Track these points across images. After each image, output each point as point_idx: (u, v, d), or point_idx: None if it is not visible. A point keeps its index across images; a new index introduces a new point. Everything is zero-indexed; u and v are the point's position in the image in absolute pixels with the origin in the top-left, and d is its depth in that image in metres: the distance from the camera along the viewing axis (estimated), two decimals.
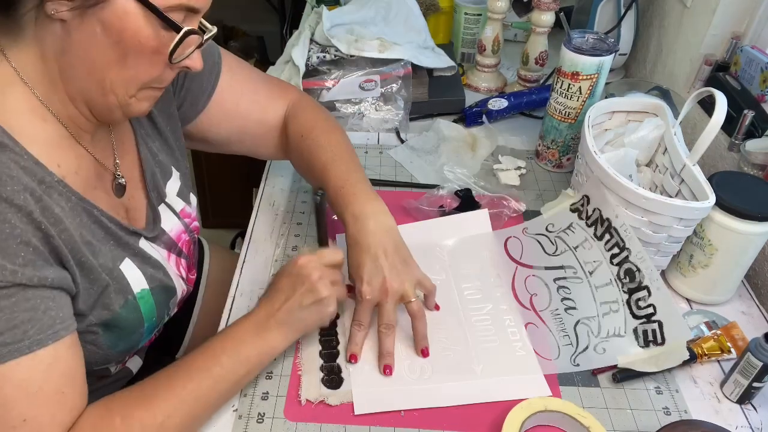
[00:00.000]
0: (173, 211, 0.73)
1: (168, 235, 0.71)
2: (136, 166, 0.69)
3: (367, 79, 1.04)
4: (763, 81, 0.89)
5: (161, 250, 0.69)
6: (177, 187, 0.74)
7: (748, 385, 0.65)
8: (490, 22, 1.15)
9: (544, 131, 0.99)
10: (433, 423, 0.64)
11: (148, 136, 0.70)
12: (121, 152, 0.67)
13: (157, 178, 0.70)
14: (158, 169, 0.71)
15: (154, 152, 0.71)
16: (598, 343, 0.70)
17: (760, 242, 0.72)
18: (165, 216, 0.71)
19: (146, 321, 0.65)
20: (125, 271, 0.62)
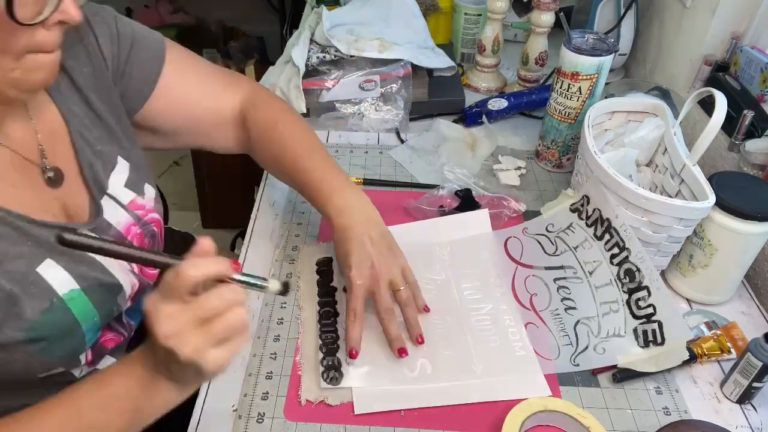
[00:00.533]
0: (119, 203, 0.68)
1: (115, 228, 0.66)
2: (73, 158, 0.65)
3: (367, 80, 1.04)
4: (763, 81, 0.89)
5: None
6: (124, 178, 0.69)
7: (748, 385, 0.65)
8: (490, 22, 1.16)
9: (544, 131, 0.99)
10: (433, 423, 0.64)
11: (84, 126, 0.66)
12: (51, 142, 0.62)
13: (96, 169, 0.66)
14: (98, 159, 0.66)
15: (91, 142, 0.66)
16: (598, 343, 0.70)
17: (759, 242, 0.72)
18: (109, 208, 0.66)
19: (83, 322, 0.60)
20: (44, 274, 0.57)
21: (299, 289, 0.78)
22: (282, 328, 0.74)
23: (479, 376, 0.68)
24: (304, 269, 0.81)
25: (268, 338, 0.72)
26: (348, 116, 1.07)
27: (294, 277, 0.80)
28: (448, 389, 0.67)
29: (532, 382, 0.68)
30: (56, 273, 0.58)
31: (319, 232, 0.87)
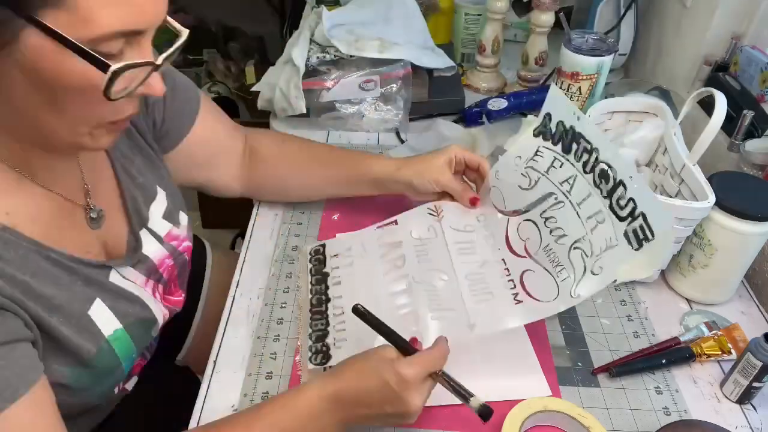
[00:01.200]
0: (156, 237, 0.69)
1: (151, 260, 0.68)
2: (115, 191, 0.66)
3: (366, 80, 1.04)
4: (763, 81, 0.89)
5: (140, 277, 0.66)
6: (163, 208, 0.71)
7: (747, 385, 0.65)
8: (490, 23, 1.16)
9: None
10: (433, 423, 0.64)
11: (126, 157, 0.67)
12: (94, 179, 0.63)
13: (138, 203, 0.67)
14: (139, 191, 0.68)
15: (133, 175, 0.67)
16: (594, 263, 0.67)
17: (759, 242, 0.72)
18: (147, 241, 0.68)
19: (124, 360, 0.62)
20: (95, 317, 0.58)
21: (299, 288, 0.78)
22: (282, 328, 0.74)
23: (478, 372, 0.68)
24: (304, 269, 0.81)
25: (268, 338, 0.72)
26: (348, 116, 1.07)
27: (294, 277, 0.80)
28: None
29: (531, 382, 0.68)
30: (103, 314, 0.59)
31: (319, 232, 0.87)
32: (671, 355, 0.70)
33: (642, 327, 0.75)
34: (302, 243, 0.85)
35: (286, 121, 1.09)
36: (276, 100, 1.05)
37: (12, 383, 0.47)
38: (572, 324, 0.75)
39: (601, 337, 0.74)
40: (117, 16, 0.45)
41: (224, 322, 0.74)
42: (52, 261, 0.55)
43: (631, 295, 0.79)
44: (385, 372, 0.56)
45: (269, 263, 0.82)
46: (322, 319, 0.72)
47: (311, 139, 0.90)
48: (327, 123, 1.07)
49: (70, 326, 0.55)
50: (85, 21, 0.43)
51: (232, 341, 0.72)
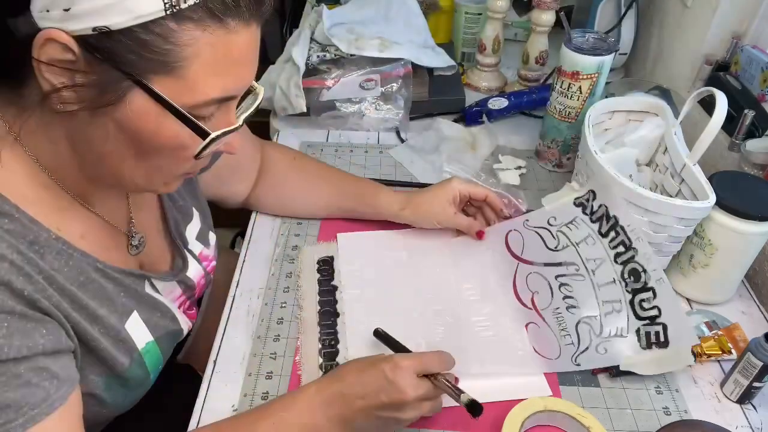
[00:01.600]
0: (194, 257, 0.71)
1: (192, 281, 0.70)
2: (158, 216, 0.67)
3: (367, 79, 1.04)
4: (764, 81, 0.89)
5: (175, 291, 0.68)
6: (197, 230, 0.73)
7: (748, 385, 0.65)
8: (490, 22, 1.15)
9: (544, 131, 0.99)
10: (433, 423, 0.64)
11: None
12: (137, 205, 0.65)
13: (179, 226, 0.69)
14: (180, 215, 0.70)
15: (175, 198, 0.69)
16: (599, 343, 0.70)
17: (760, 242, 0.72)
18: (191, 261, 0.70)
19: (152, 372, 0.63)
20: (130, 329, 0.59)
21: (299, 288, 0.78)
22: (282, 328, 0.74)
23: (478, 377, 0.68)
24: (304, 269, 0.81)
25: (268, 338, 0.72)
26: (348, 115, 1.07)
27: (294, 276, 0.80)
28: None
29: (531, 382, 0.68)
30: (138, 326, 0.60)
31: (319, 232, 0.87)
32: None
33: None
34: (302, 243, 0.85)
35: (286, 119, 1.09)
36: (276, 99, 1.05)
37: (51, 394, 0.48)
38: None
39: None
40: (221, 85, 0.47)
41: (224, 321, 0.74)
42: (100, 272, 0.56)
43: None
44: (381, 363, 0.58)
45: (269, 263, 0.82)
46: (332, 336, 0.72)
47: (322, 161, 0.92)
48: (327, 122, 1.07)
49: (108, 338, 0.56)
50: (191, 89, 0.46)
51: (232, 341, 0.72)
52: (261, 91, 0.55)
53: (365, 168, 0.99)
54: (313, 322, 0.74)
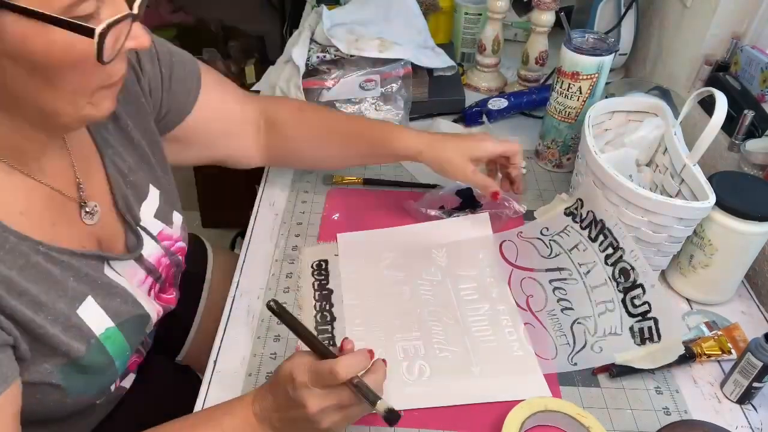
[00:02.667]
0: (150, 235, 0.68)
1: (148, 260, 0.67)
2: (107, 189, 0.64)
3: (367, 79, 1.04)
4: (763, 81, 0.89)
5: (138, 272, 0.66)
6: (155, 208, 0.69)
7: (748, 385, 0.65)
8: (490, 22, 1.15)
9: (544, 131, 0.99)
10: (433, 423, 0.64)
11: (118, 155, 0.66)
12: (86, 174, 0.62)
13: (129, 201, 0.66)
14: (130, 190, 0.66)
15: (125, 173, 0.66)
16: (594, 342, 0.70)
17: (760, 242, 0.72)
18: (146, 239, 0.67)
19: (117, 358, 0.61)
20: (84, 315, 0.57)
21: (299, 289, 0.78)
22: (282, 328, 0.74)
23: (477, 377, 0.68)
24: (304, 269, 0.81)
25: (268, 338, 0.72)
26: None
27: (294, 277, 0.80)
28: (448, 390, 0.67)
29: (531, 382, 0.68)
30: (94, 312, 0.58)
31: (319, 232, 0.87)
32: None
33: None
34: (302, 243, 0.85)
35: None
36: None
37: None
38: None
39: None
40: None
41: (224, 322, 0.74)
42: (43, 255, 0.53)
43: None
44: (283, 380, 0.56)
45: (269, 263, 0.82)
46: (329, 337, 0.72)
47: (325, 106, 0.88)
48: None
49: (56, 324, 0.54)
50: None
51: (232, 341, 0.72)
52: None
53: (365, 168, 0.99)
54: (313, 322, 0.74)
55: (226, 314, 0.75)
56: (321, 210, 0.91)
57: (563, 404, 0.63)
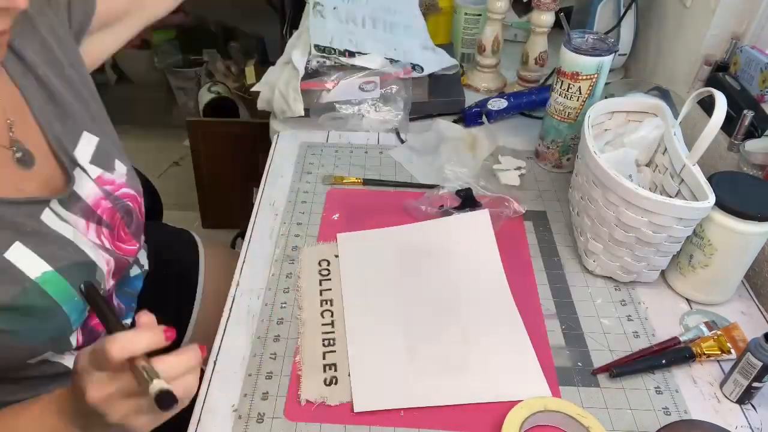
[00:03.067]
0: (89, 176, 0.68)
1: (84, 201, 0.66)
2: (39, 134, 0.64)
3: (366, 81, 1.04)
4: (763, 81, 0.89)
5: (78, 219, 0.65)
6: (90, 152, 0.69)
7: (747, 385, 0.65)
8: (489, 23, 1.16)
9: (543, 131, 0.99)
10: (433, 423, 0.64)
11: (45, 103, 0.66)
12: (16, 122, 0.62)
13: (63, 144, 0.66)
14: (64, 135, 0.66)
15: (50, 118, 0.66)
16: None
17: (759, 242, 0.72)
18: (80, 181, 0.66)
19: (64, 303, 0.60)
20: (13, 259, 0.56)
21: (299, 289, 0.79)
22: (282, 328, 0.74)
23: (477, 374, 0.68)
24: (304, 269, 0.81)
25: (267, 338, 0.72)
26: (348, 117, 1.07)
27: (293, 277, 0.80)
28: (449, 389, 0.67)
29: (531, 382, 0.68)
30: (26, 256, 0.57)
31: (319, 232, 0.87)
32: (671, 355, 0.70)
33: (642, 327, 0.75)
34: (302, 243, 0.85)
35: (286, 121, 1.09)
36: (275, 102, 1.05)
37: None
38: (572, 324, 0.75)
39: (601, 337, 0.74)
40: None
41: (224, 322, 0.74)
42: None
43: (631, 295, 0.79)
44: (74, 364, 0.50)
45: (269, 263, 0.82)
46: (331, 336, 0.72)
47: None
48: (327, 123, 1.07)
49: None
50: None
51: (232, 341, 0.72)
52: None
53: (365, 168, 1.00)
54: (313, 322, 0.74)
55: (225, 314, 0.75)
56: (321, 210, 0.91)
57: (563, 404, 0.63)
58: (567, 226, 0.89)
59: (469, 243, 0.84)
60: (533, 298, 0.78)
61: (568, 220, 0.90)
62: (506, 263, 0.82)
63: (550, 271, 0.82)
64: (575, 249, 0.86)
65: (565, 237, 0.88)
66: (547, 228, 0.89)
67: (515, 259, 0.84)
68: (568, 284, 0.80)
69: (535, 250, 0.85)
